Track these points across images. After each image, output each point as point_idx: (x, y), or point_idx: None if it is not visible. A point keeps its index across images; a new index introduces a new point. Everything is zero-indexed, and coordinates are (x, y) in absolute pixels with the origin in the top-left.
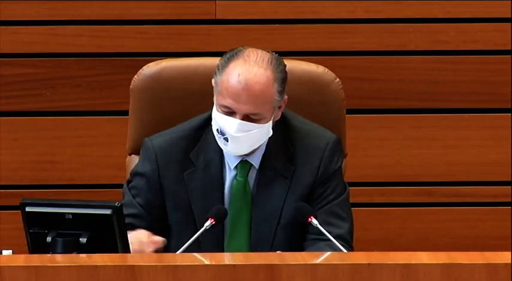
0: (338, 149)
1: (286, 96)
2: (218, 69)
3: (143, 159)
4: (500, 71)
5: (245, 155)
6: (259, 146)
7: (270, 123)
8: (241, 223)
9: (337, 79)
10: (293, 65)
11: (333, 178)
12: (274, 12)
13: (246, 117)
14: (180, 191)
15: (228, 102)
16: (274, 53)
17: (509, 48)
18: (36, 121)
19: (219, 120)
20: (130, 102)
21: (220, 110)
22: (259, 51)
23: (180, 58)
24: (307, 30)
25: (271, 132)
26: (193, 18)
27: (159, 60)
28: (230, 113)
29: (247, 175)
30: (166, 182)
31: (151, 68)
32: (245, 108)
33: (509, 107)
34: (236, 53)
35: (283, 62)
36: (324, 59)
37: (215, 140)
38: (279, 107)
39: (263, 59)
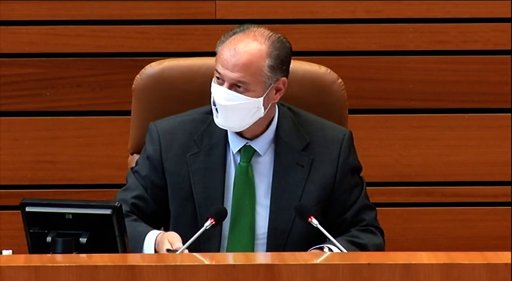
0: (353, 142)
1: (285, 78)
2: (221, 40)
3: (147, 142)
4: (500, 71)
5: (247, 138)
6: (263, 133)
7: (260, 100)
8: (244, 208)
9: (340, 80)
10: (295, 65)
11: (354, 169)
12: (274, 12)
13: (234, 87)
14: (182, 172)
15: (218, 67)
16: (282, 36)
17: (509, 48)
18: (36, 121)
19: (212, 90)
20: (132, 101)
21: (214, 79)
22: (265, 30)
23: (182, 58)
24: (307, 30)
25: (262, 111)
26: (193, 18)
27: (161, 60)
28: (221, 82)
29: (250, 160)
30: (168, 163)
31: (154, 67)
32: (232, 75)
33: (509, 107)
34: (242, 28)
35: (289, 44)
36: (323, 59)
37: None
38: (277, 90)
39: (263, 35)
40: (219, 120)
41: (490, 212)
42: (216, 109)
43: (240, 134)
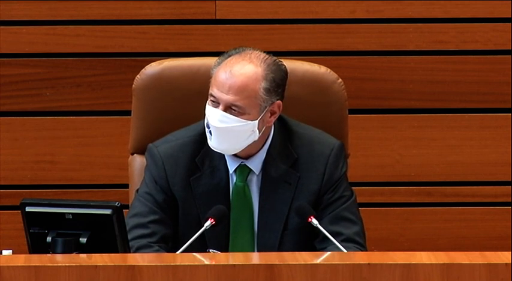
0: (342, 155)
1: (280, 102)
2: (216, 63)
3: (150, 165)
4: (500, 71)
5: (243, 158)
6: (258, 152)
7: (255, 123)
8: (243, 228)
9: (340, 80)
10: (295, 65)
11: (340, 184)
12: (274, 12)
13: (229, 109)
14: (188, 198)
15: (214, 91)
16: (278, 59)
17: (509, 48)
18: (36, 121)
19: (206, 111)
20: (132, 101)
21: (209, 102)
22: (261, 53)
23: (183, 58)
24: (307, 30)
25: (257, 135)
26: (193, 18)
27: (162, 60)
28: (216, 105)
29: (246, 180)
30: (175, 189)
31: (154, 67)
32: (227, 98)
33: (509, 107)
34: (237, 50)
35: (284, 68)
36: (323, 59)
37: None
38: (272, 113)
39: (258, 57)
40: (213, 142)
41: (490, 212)
42: (210, 131)
43: (234, 153)
